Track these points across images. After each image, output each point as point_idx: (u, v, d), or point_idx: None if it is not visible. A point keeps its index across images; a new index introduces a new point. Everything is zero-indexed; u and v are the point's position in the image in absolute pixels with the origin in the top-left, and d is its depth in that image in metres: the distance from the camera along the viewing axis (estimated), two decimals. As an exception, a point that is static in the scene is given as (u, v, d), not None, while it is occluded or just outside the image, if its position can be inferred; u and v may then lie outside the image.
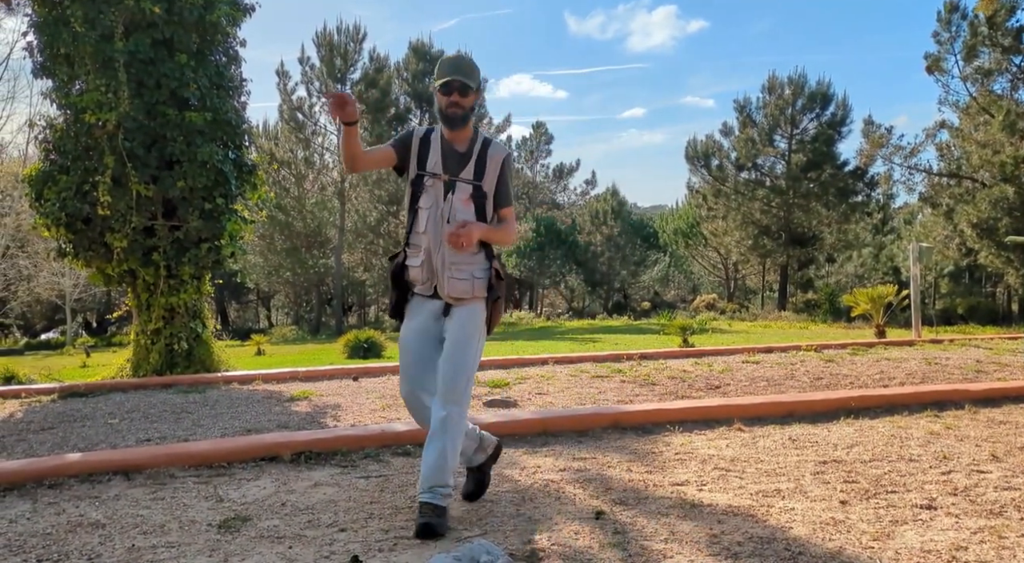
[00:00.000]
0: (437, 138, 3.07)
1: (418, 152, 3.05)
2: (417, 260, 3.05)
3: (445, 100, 3.00)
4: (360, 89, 32.13)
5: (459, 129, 3.04)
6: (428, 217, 3.02)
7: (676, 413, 4.84)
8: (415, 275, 3.07)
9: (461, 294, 3.04)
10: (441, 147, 3.05)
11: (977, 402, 5.25)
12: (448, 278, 3.01)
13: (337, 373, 7.88)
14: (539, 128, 52.27)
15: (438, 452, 2.95)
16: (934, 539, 2.71)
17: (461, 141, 3.07)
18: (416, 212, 3.05)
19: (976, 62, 26.11)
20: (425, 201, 3.03)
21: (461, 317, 3.06)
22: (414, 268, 3.07)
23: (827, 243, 34.62)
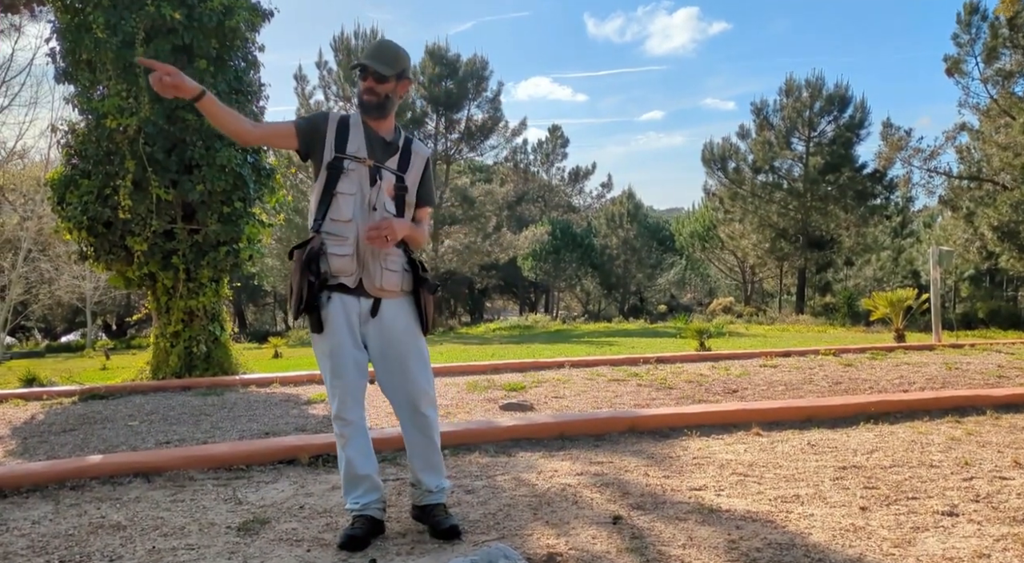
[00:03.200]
0: (359, 123, 2.87)
1: (336, 134, 2.82)
2: (344, 249, 2.76)
3: (361, 85, 2.84)
4: (377, 93, 32.23)
5: (375, 117, 2.86)
6: (354, 203, 2.79)
7: (693, 417, 4.82)
8: (341, 266, 2.77)
9: (393, 287, 2.83)
10: (365, 132, 2.85)
11: (999, 407, 5.19)
12: (382, 270, 2.80)
13: (354, 376, 7.91)
14: (555, 131, 52.28)
15: (436, 452, 2.96)
16: (956, 546, 2.68)
17: (385, 130, 2.90)
18: (334, 197, 2.78)
19: (997, 64, 25.82)
20: (346, 186, 2.79)
21: (399, 314, 2.86)
22: (340, 257, 2.76)
23: (845, 246, 34.33)
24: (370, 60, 2.81)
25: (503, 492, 3.48)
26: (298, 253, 2.77)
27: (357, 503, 2.86)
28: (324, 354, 2.84)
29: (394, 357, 2.86)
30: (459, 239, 34.72)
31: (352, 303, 2.81)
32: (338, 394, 2.84)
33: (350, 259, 2.78)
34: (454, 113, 34.92)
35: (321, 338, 2.82)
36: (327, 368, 2.85)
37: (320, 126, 2.84)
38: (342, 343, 2.80)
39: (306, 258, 2.73)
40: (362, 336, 2.86)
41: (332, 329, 2.79)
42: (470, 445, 4.38)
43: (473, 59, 35.02)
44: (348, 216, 2.78)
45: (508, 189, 41.48)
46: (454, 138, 35.48)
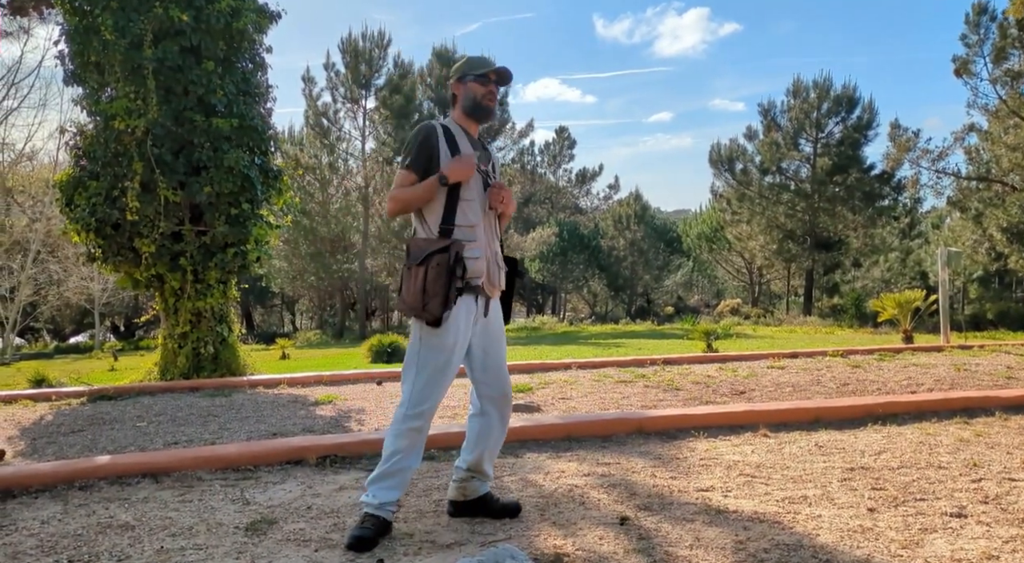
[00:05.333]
0: (460, 130, 2.99)
1: (447, 143, 2.91)
2: (477, 252, 2.88)
3: (482, 90, 2.96)
4: (384, 95, 32.36)
5: (486, 122, 3.04)
6: (477, 208, 2.92)
7: (701, 418, 4.81)
8: (477, 269, 2.88)
9: (503, 285, 3.02)
10: (468, 139, 2.99)
11: (1008, 409, 5.16)
12: (498, 269, 2.98)
13: (361, 377, 7.93)
14: (562, 132, 52.28)
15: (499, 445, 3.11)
16: (964, 547, 2.67)
17: (476, 135, 3.05)
18: (459, 203, 2.88)
19: (1005, 65, 25.68)
20: (468, 192, 2.90)
21: (498, 311, 3.03)
22: (475, 260, 2.87)
23: (853, 247, 34.20)
24: (503, 69, 2.97)
25: (510, 493, 3.48)
26: (440, 257, 2.79)
27: (376, 499, 2.87)
28: (434, 348, 2.85)
29: (495, 354, 2.99)
30: (466, 241, 34.71)
31: (471, 304, 2.91)
32: (433, 391, 2.87)
33: (483, 262, 2.90)
34: (461, 115, 34.89)
35: (437, 334, 2.84)
36: (433, 363, 2.85)
37: (433, 144, 2.91)
38: (459, 344, 2.89)
39: (452, 262, 2.78)
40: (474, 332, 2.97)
41: (452, 329, 2.85)
42: (477, 446, 4.38)
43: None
44: (475, 221, 2.91)
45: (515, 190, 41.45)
46: (461, 140, 35.43)
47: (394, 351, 13.19)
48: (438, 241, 2.83)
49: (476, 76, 2.96)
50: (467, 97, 2.98)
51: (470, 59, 3.02)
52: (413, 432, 2.88)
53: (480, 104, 2.97)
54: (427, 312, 2.78)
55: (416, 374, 2.87)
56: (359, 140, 33.60)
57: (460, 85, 3.00)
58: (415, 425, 2.88)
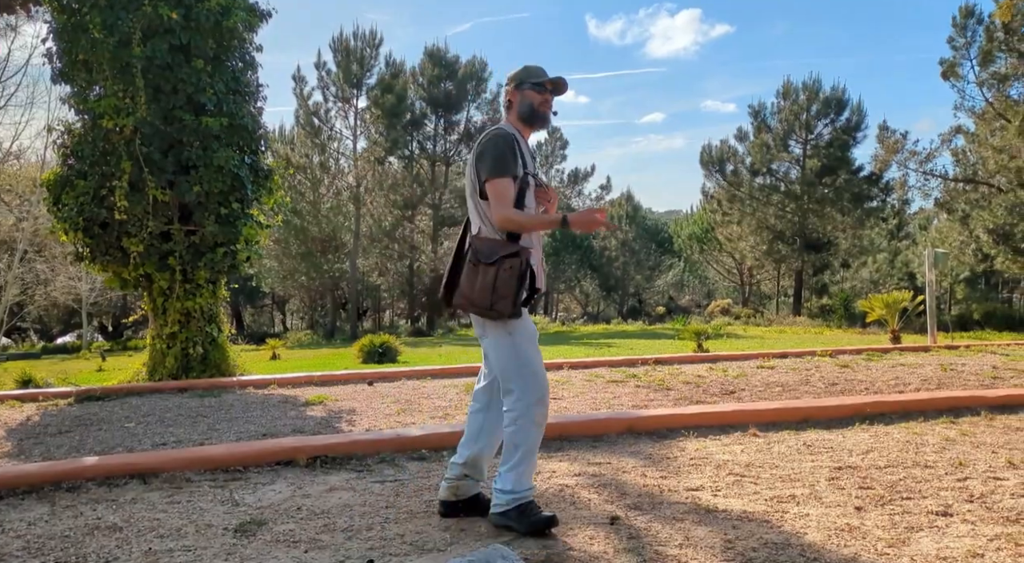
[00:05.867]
0: (520, 138, 3.06)
1: (521, 154, 3.00)
2: (536, 260, 2.99)
3: (539, 97, 3.04)
4: (376, 94, 32.31)
5: (540, 130, 3.13)
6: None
7: (691, 418, 4.83)
8: (540, 276, 3.05)
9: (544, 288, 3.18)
10: (526, 144, 3.08)
11: (993, 408, 5.20)
12: (543, 274, 3.12)
13: (352, 378, 7.91)
14: (554, 133, 52.24)
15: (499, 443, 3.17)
16: (950, 546, 2.69)
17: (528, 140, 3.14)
18: (524, 209, 2.98)
19: (992, 67, 25.89)
20: (529, 200, 3.01)
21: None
22: (538, 269, 3.01)
23: (842, 248, 34.40)
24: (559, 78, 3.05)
25: (500, 493, 3.48)
26: (513, 261, 2.86)
27: (532, 488, 2.98)
28: (527, 337, 2.96)
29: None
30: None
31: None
32: (543, 377, 2.95)
33: (539, 268, 3.03)
34: (453, 114, 34.93)
35: (521, 323, 2.94)
36: (529, 353, 2.94)
37: (516, 150, 2.97)
38: (536, 333, 3.03)
39: (524, 270, 2.87)
40: None
41: (530, 320, 3.02)
42: (467, 446, 4.38)
43: (472, 61, 35.07)
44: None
45: (506, 191, 41.38)
46: (453, 139, 35.49)
47: (385, 352, 13.17)
48: (507, 244, 2.90)
49: (533, 84, 3.03)
50: (524, 104, 3.04)
51: (527, 67, 3.09)
52: (542, 419, 2.96)
53: (537, 111, 3.04)
54: (494, 311, 2.85)
55: (524, 365, 2.93)
56: (350, 139, 33.54)
57: (517, 92, 3.06)
58: (543, 413, 2.95)
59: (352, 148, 33.53)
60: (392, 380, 7.71)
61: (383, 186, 33.18)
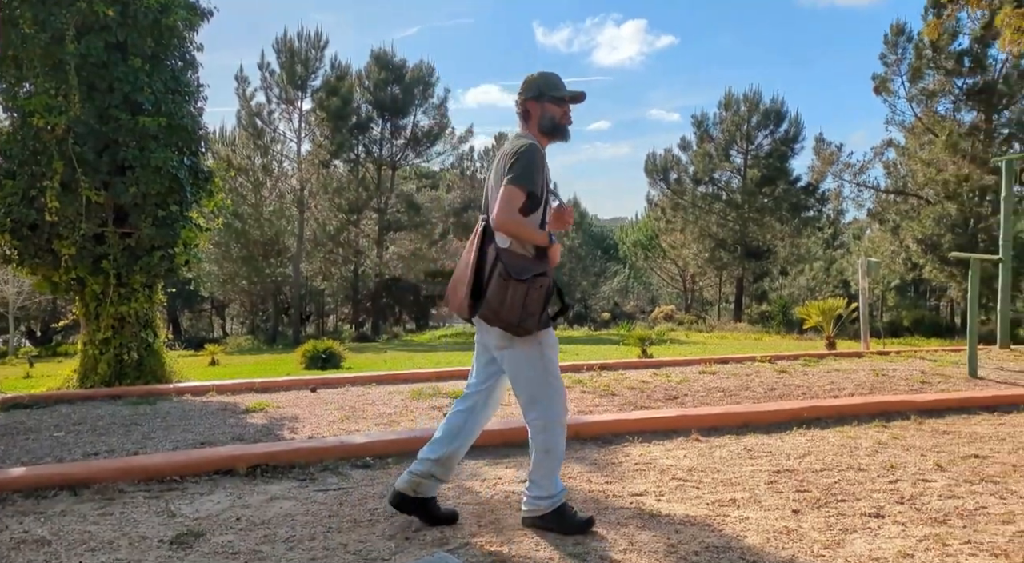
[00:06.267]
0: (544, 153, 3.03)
1: (544, 171, 2.97)
2: (554, 274, 3.03)
3: (560, 110, 3.03)
4: (321, 96, 31.90)
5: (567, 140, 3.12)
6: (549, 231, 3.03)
7: (635, 424, 4.89)
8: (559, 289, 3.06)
9: None
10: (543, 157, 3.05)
11: (922, 413, 5.41)
12: None
13: (295, 384, 7.77)
14: (501, 139, 52.40)
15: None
16: (881, 547, 2.79)
17: None
18: (544, 227, 2.99)
19: (921, 83, 27.02)
20: (549, 216, 3.02)
21: None
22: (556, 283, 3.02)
23: (781, 256, 35.38)
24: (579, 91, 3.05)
25: (447, 500, 3.46)
26: (543, 280, 2.89)
27: (564, 489, 3.05)
28: (553, 349, 3.00)
29: None
30: (404, 245, 34.50)
31: None
32: (563, 385, 3.03)
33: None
34: (400, 118, 34.73)
35: (548, 335, 2.97)
36: (555, 364, 3.00)
37: (542, 165, 2.95)
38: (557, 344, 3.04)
39: (551, 289, 2.93)
40: None
41: (553, 334, 3.02)
42: (414, 453, 4.33)
43: (419, 65, 34.93)
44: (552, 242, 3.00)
45: (454, 196, 41.40)
46: (399, 144, 35.28)
47: (329, 357, 12.98)
48: (536, 262, 2.91)
49: (554, 97, 3.01)
50: (545, 117, 3.01)
51: (546, 77, 3.05)
52: (565, 426, 3.04)
53: (559, 125, 3.03)
54: (521, 328, 2.87)
55: (553, 375, 2.98)
56: (294, 142, 33.03)
57: (537, 104, 3.02)
58: (566, 418, 3.04)
59: (296, 151, 33.04)
60: (336, 386, 7.60)
61: (328, 189, 32.74)
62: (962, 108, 26.63)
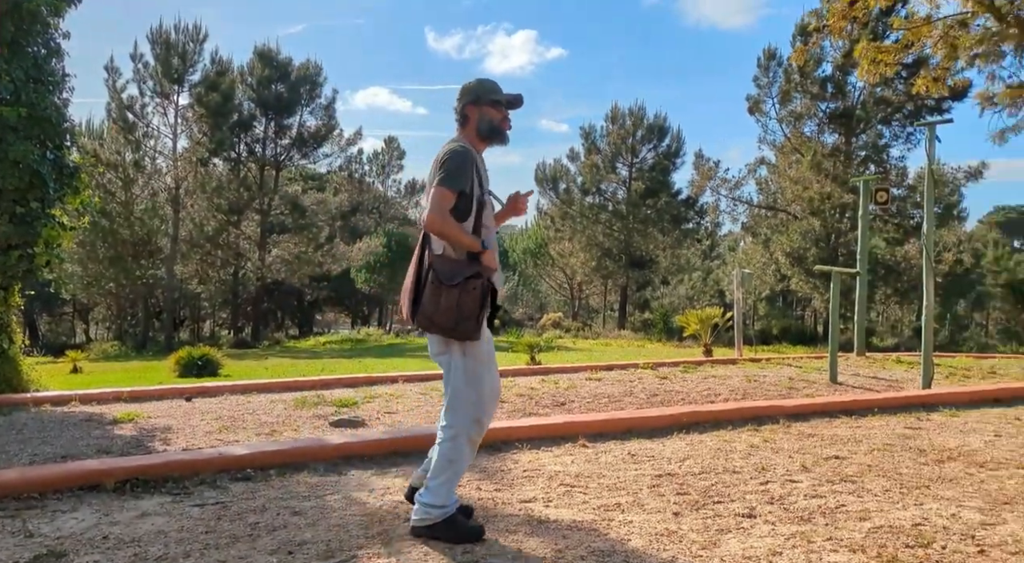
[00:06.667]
0: (478, 156, 3.08)
1: (476, 171, 3.00)
2: (499, 275, 3.06)
3: (499, 115, 3.07)
4: (200, 92, 30.51)
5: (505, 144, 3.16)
6: (491, 235, 3.07)
7: (524, 431, 4.94)
8: (502, 292, 3.07)
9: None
10: (484, 167, 3.10)
11: (790, 417, 5.76)
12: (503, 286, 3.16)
13: (168, 393, 7.37)
14: (391, 142, 51.94)
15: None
16: (754, 546, 2.94)
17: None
18: (480, 230, 3.01)
19: (790, 106, 28.92)
20: (487, 219, 3.04)
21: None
22: (499, 282, 3.05)
23: (662, 266, 36.81)
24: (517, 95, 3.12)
25: (333, 512, 3.38)
26: (476, 282, 2.90)
27: (456, 500, 3.06)
28: (481, 359, 3.00)
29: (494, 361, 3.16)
30: (288, 248, 33.45)
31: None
32: (491, 401, 3.04)
33: (500, 284, 3.08)
34: (285, 118, 33.72)
35: (479, 347, 2.99)
36: (483, 372, 3.01)
37: (472, 168, 2.98)
38: (493, 353, 3.07)
39: (487, 290, 2.93)
40: None
41: (488, 340, 3.04)
42: (298, 464, 4.22)
43: (306, 64, 34.07)
44: (492, 246, 3.04)
45: (342, 199, 40.57)
46: (284, 144, 34.23)
47: (205, 364, 12.40)
48: (470, 264, 2.93)
49: (492, 101, 3.06)
50: (483, 121, 3.06)
51: (484, 83, 3.11)
52: (478, 439, 3.05)
53: (497, 128, 3.08)
54: (458, 332, 2.91)
55: (472, 385, 2.99)
56: (170, 137, 31.38)
57: (475, 108, 3.07)
58: (479, 433, 3.03)
59: (172, 147, 31.41)
60: (213, 395, 7.27)
61: (206, 188, 31.31)
62: (825, 130, 28.69)
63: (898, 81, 24.14)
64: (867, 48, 11.11)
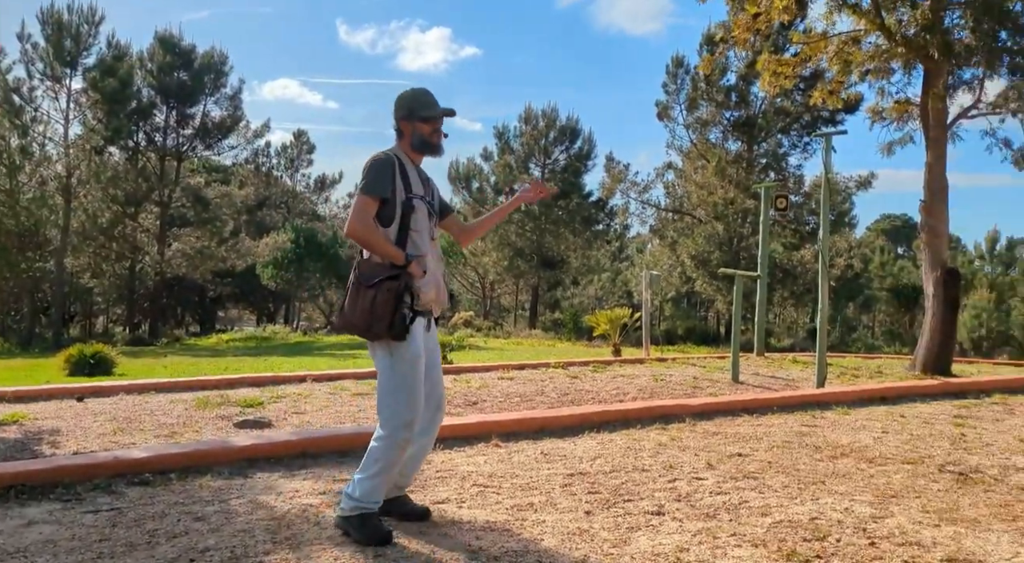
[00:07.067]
0: (409, 163, 3.17)
1: (400, 176, 3.08)
2: (428, 280, 3.09)
3: (429, 128, 3.16)
4: (95, 76, 28.88)
5: (432, 157, 3.24)
6: (423, 239, 3.12)
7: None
8: (428, 297, 3.10)
9: (447, 305, 3.25)
10: (417, 173, 3.19)
11: (695, 415, 5.94)
12: (446, 291, 3.23)
13: (57, 392, 6.93)
14: (300, 136, 50.63)
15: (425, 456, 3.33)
16: (662, 543, 3.02)
17: (420, 167, 3.25)
18: (410, 233, 3.08)
19: (697, 113, 29.91)
20: (416, 223, 3.10)
21: (434, 327, 3.25)
22: (425, 289, 3.07)
23: (573, 267, 37.38)
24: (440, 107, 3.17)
25: (238, 517, 3.26)
26: (391, 284, 2.95)
27: (379, 502, 3.05)
28: (406, 361, 3.00)
29: (434, 364, 3.21)
30: (190, 243, 32.09)
31: (423, 321, 3.10)
32: (418, 401, 3.02)
33: (432, 289, 3.11)
34: (187, 107, 32.37)
35: (405, 346, 2.99)
36: (409, 375, 3.00)
37: (391, 174, 3.06)
38: (421, 358, 3.05)
39: (401, 289, 2.95)
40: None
41: (416, 340, 3.02)
42: (201, 467, 4.05)
43: (211, 52, 32.83)
44: (425, 250, 3.10)
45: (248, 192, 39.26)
46: (187, 134, 32.86)
47: (98, 362, 11.74)
48: (389, 267, 3.00)
49: (423, 117, 3.14)
50: (415, 136, 3.16)
51: (417, 96, 3.18)
52: (407, 443, 3.03)
53: (428, 142, 3.17)
54: (371, 333, 2.97)
55: (399, 388, 3.00)
56: (61, 123, 29.56)
57: (408, 123, 3.16)
58: (406, 436, 3.01)
59: (64, 133, 29.60)
60: (108, 395, 6.89)
61: (101, 178, 29.65)
62: (729, 138, 29.82)
63: (796, 93, 25.30)
64: (768, 61, 11.59)
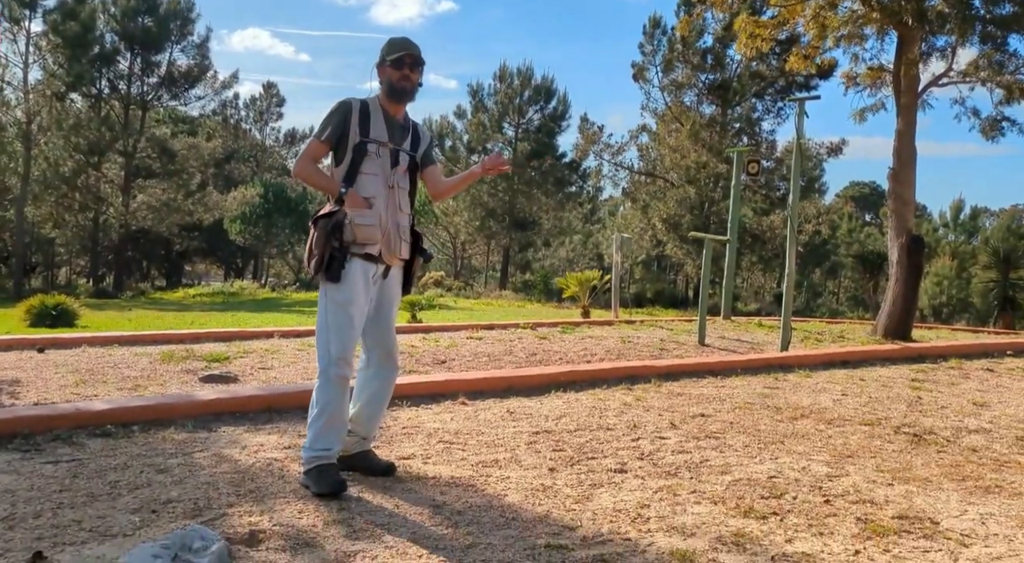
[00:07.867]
0: (378, 109, 3.19)
1: (359, 120, 3.13)
2: (369, 219, 3.08)
3: (397, 74, 3.16)
4: (55, 19, 27.86)
5: (404, 103, 3.24)
6: (376, 183, 3.12)
7: (405, 388, 4.91)
8: (367, 234, 3.08)
9: (405, 256, 3.25)
10: (384, 118, 3.19)
11: (661, 376, 6.03)
12: (400, 242, 3.20)
13: (17, 343, 6.81)
14: (270, 88, 49.57)
15: (384, 407, 3.32)
16: (624, 499, 3.08)
17: (400, 115, 3.25)
18: (359, 176, 3.11)
19: (672, 75, 29.74)
20: (369, 167, 3.12)
21: (396, 277, 3.27)
22: (366, 226, 3.07)
23: (545, 228, 37.36)
24: (416, 51, 3.18)
25: (202, 470, 3.25)
26: (324, 221, 3.04)
27: (330, 449, 3.06)
28: (337, 303, 3.07)
29: (384, 314, 3.25)
30: (155, 195, 31.46)
31: (370, 267, 3.13)
32: (345, 340, 3.07)
33: (376, 230, 3.09)
34: (153, 54, 31.44)
35: (336, 289, 3.05)
36: (338, 316, 3.06)
37: (347, 117, 3.11)
38: (357, 299, 3.08)
39: (331, 227, 3.02)
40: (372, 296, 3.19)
41: (351, 285, 3.06)
42: (164, 420, 4.02)
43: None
44: (372, 192, 3.11)
45: (216, 145, 38.41)
46: (152, 82, 31.96)
47: (60, 314, 11.55)
48: (330, 208, 3.09)
49: (391, 61, 3.16)
50: (385, 81, 3.20)
51: (390, 42, 3.22)
52: (341, 379, 3.08)
53: (395, 87, 3.18)
54: (310, 268, 3.08)
55: (328, 328, 3.09)
56: (20, 67, 28.56)
57: (380, 70, 3.21)
58: (340, 373, 3.07)
59: (23, 78, 28.61)
60: (70, 347, 6.78)
61: (62, 126, 28.82)
62: (704, 101, 29.75)
63: (772, 57, 25.26)
64: (746, 22, 11.52)
